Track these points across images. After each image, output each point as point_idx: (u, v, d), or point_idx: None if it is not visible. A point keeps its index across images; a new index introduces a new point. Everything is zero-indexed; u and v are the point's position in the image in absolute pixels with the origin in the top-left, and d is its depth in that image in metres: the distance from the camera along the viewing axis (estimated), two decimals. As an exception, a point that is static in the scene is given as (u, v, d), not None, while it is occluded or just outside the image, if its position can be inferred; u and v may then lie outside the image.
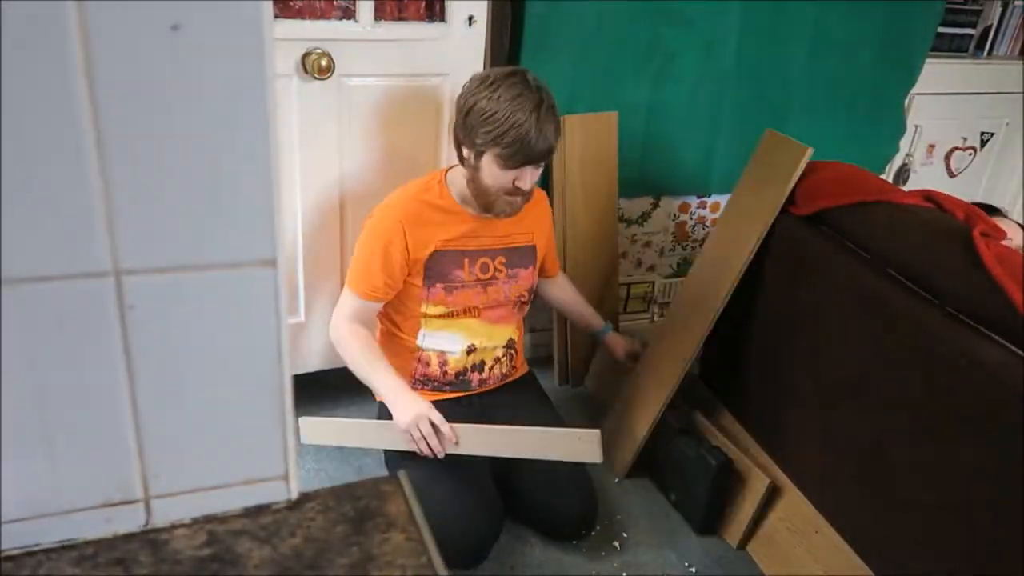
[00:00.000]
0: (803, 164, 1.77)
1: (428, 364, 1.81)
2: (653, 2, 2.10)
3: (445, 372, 1.81)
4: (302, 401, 2.18)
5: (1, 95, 0.43)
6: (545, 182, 2.22)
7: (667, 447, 1.94)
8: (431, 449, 1.60)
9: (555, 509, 1.79)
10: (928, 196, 1.70)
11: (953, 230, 1.53)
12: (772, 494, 1.80)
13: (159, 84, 0.45)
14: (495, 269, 1.79)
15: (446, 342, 1.80)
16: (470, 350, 1.81)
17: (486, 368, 1.84)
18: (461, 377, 1.82)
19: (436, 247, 1.71)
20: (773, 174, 1.83)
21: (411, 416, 1.59)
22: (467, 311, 1.79)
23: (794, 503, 1.76)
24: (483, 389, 1.85)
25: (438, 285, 1.74)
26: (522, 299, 1.86)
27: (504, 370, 1.88)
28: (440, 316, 1.77)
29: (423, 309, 1.76)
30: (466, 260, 1.75)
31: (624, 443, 2.05)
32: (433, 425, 1.59)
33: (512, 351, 1.89)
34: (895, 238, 1.59)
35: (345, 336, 1.69)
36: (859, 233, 1.66)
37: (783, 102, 2.40)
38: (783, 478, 1.80)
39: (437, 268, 1.73)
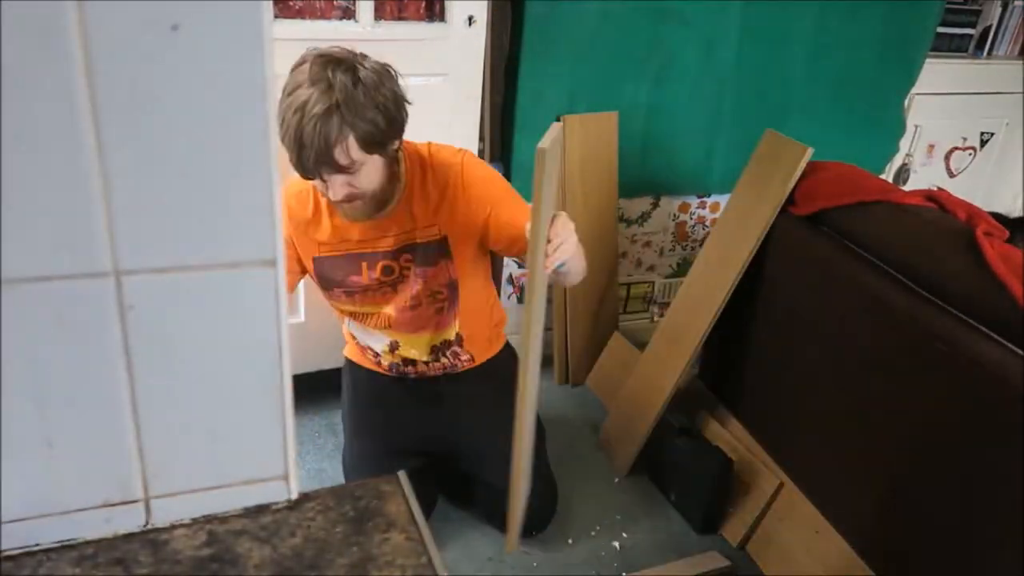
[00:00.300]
0: (803, 164, 1.77)
1: (364, 352, 1.76)
2: (653, 2, 2.10)
3: (379, 363, 1.75)
4: (302, 401, 2.19)
5: (1, 95, 0.43)
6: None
7: (667, 447, 1.94)
8: None
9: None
10: (929, 196, 1.70)
11: (955, 230, 1.53)
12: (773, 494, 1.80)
13: (159, 84, 0.45)
14: (402, 268, 1.59)
15: (368, 338, 1.71)
16: (393, 347, 1.70)
17: (419, 364, 1.72)
18: (397, 368, 1.75)
19: (316, 253, 1.57)
20: (773, 174, 1.83)
21: None
22: (379, 320, 1.65)
23: (794, 502, 1.76)
24: (425, 378, 1.76)
25: (336, 290, 1.61)
26: (440, 296, 1.62)
27: (446, 364, 1.74)
28: (352, 314, 1.67)
29: (334, 303, 1.66)
30: (364, 264, 1.58)
31: (624, 443, 2.05)
32: None
33: (453, 348, 1.71)
34: (896, 238, 1.59)
35: None
36: (859, 233, 1.66)
37: (783, 102, 2.40)
38: (784, 477, 1.80)
39: (328, 275, 1.60)
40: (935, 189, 1.74)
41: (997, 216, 1.71)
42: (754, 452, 1.88)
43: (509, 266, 2.35)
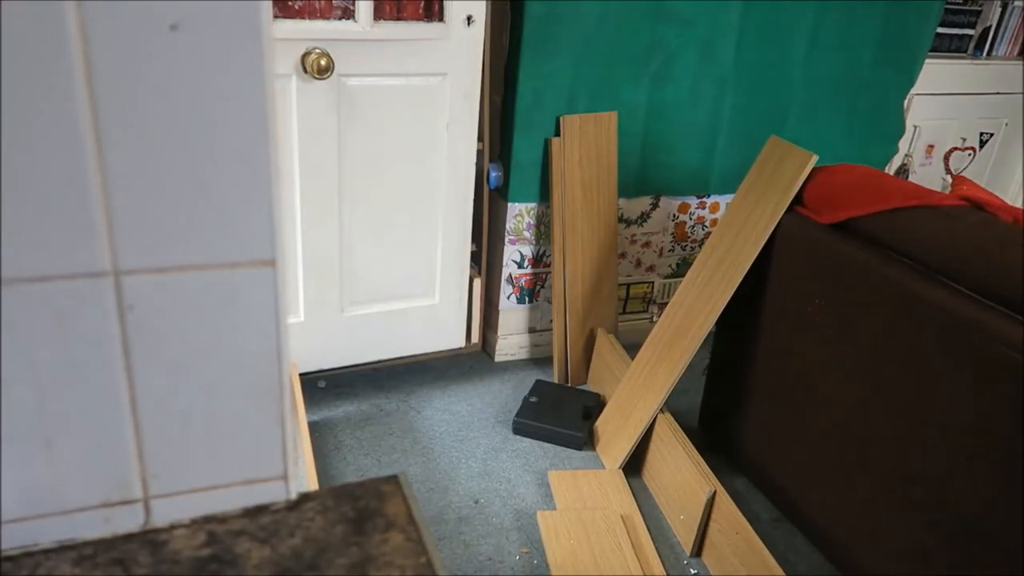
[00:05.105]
0: (807, 171, 1.75)
1: None
2: (653, 2, 2.10)
3: None
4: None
5: (1, 95, 0.43)
6: (545, 182, 2.22)
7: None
8: None
9: None
10: (965, 197, 1.62)
11: (1010, 231, 1.44)
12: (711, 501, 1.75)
13: (159, 84, 0.45)
14: None
15: None
16: None
17: None
18: None
19: None
20: (776, 181, 1.81)
21: None
22: None
23: (723, 506, 1.73)
24: None
25: None
26: None
27: None
28: None
29: None
30: None
31: (618, 443, 2.05)
32: None
33: None
34: (943, 242, 1.50)
35: None
36: (897, 239, 1.58)
37: (783, 103, 2.40)
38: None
39: None
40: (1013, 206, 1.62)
41: None
42: (695, 459, 1.82)
43: (508, 266, 2.35)
